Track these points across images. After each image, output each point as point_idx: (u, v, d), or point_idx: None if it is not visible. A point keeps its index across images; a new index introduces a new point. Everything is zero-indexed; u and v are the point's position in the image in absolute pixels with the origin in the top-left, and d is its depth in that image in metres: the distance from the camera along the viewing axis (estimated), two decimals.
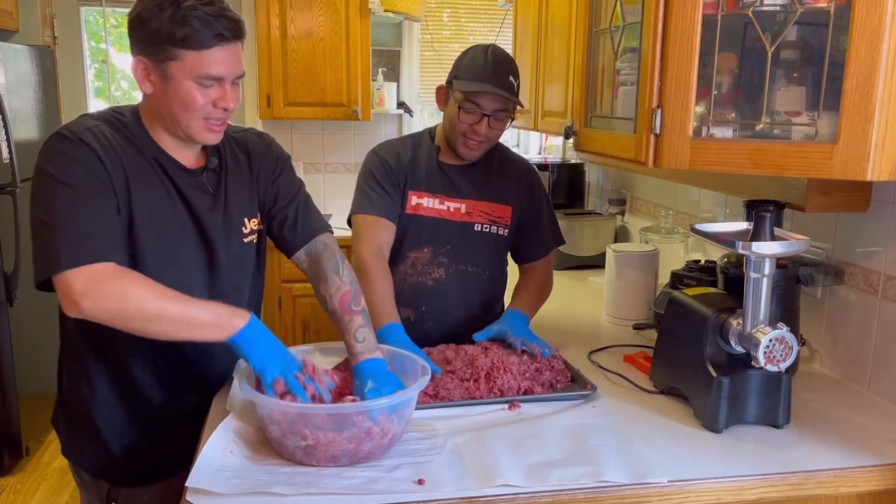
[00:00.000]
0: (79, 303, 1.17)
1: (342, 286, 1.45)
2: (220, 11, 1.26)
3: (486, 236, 1.86)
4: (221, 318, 1.25)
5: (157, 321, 1.21)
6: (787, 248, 1.33)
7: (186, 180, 1.38)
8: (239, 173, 1.47)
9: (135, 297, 1.19)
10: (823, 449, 1.33)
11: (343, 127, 4.09)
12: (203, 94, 1.28)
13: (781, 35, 1.29)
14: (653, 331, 1.99)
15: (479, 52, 1.74)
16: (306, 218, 1.53)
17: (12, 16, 3.46)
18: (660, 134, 1.37)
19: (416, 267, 1.84)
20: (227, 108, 1.32)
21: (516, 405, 1.49)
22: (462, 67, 1.74)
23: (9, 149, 2.95)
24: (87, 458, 1.48)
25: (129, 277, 1.22)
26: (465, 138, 1.76)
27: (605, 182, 3.17)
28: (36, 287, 1.23)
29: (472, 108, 1.71)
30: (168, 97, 1.28)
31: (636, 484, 1.19)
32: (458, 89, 1.72)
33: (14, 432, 3.08)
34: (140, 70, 1.29)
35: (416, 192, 1.82)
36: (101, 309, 1.18)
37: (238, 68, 1.31)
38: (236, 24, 1.28)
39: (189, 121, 1.30)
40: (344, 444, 1.20)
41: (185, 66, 1.25)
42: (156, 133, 1.35)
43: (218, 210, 1.42)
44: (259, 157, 1.51)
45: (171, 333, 1.23)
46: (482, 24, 4.18)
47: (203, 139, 1.34)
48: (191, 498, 1.11)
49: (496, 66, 1.71)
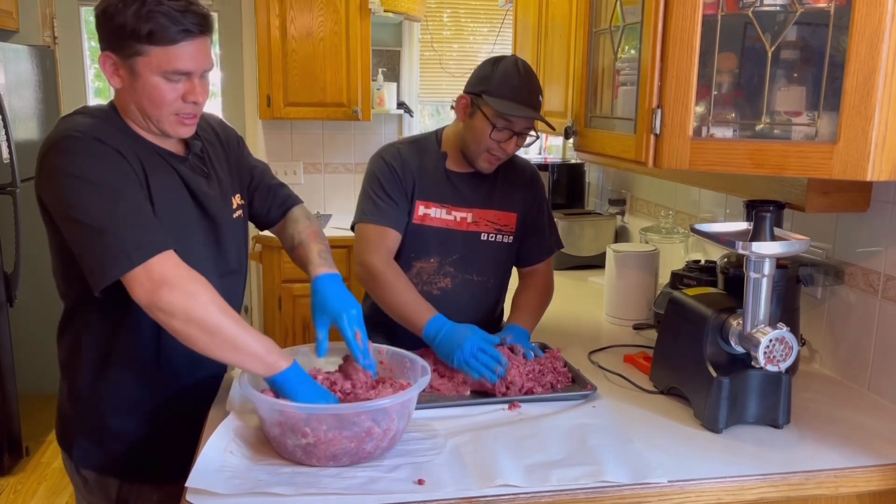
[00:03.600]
0: (158, 291, 1.18)
1: (311, 226, 1.58)
2: (185, 6, 1.25)
3: (492, 245, 1.83)
4: (270, 354, 1.26)
5: (213, 333, 1.21)
6: (787, 248, 1.33)
7: (182, 166, 1.39)
8: (217, 153, 1.50)
9: (202, 302, 1.21)
10: (823, 449, 1.33)
11: (343, 127, 4.08)
12: (171, 90, 1.28)
13: (781, 35, 1.29)
14: (653, 331, 1.99)
15: (511, 66, 1.68)
16: (283, 188, 1.65)
17: (12, 16, 3.47)
18: (660, 134, 1.37)
19: (421, 276, 1.81)
20: (197, 102, 1.32)
21: (516, 405, 1.49)
22: (493, 82, 1.67)
23: (9, 149, 2.95)
24: (95, 456, 1.46)
25: (201, 281, 1.23)
26: (489, 154, 1.72)
27: (605, 182, 3.17)
28: (99, 292, 1.22)
29: (505, 125, 1.67)
30: (137, 93, 1.29)
31: (636, 484, 1.19)
32: (492, 107, 1.65)
33: (14, 432, 3.08)
34: (108, 65, 1.28)
35: (423, 201, 1.78)
36: (173, 301, 1.19)
37: (206, 62, 1.31)
38: (203, 18, 1.27)
39: (160, 116, 1.31)
40: (345, 444, 1.20)
41: (152, 62, 1.25)
42: (133, 127, 1.35)
43: (214, 190, 1.45)
44: (225, 137, 1.55)
45: (216, 350, 1.23)
46: (482, 24, 4.18)
47: (176, 133, 1.35)
48: (191, 498, 1.11)
49: (529, 84, 1.68)
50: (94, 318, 1.40)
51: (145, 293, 1.19)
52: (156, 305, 1.20)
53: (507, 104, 1.65)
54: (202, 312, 1.20)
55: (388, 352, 1.49)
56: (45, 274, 1.23)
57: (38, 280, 3.15)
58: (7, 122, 2.94)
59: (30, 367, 3.15)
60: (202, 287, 1.23)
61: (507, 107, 1.65)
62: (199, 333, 1.21)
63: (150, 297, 1.19)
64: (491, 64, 1.71)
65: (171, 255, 1.23)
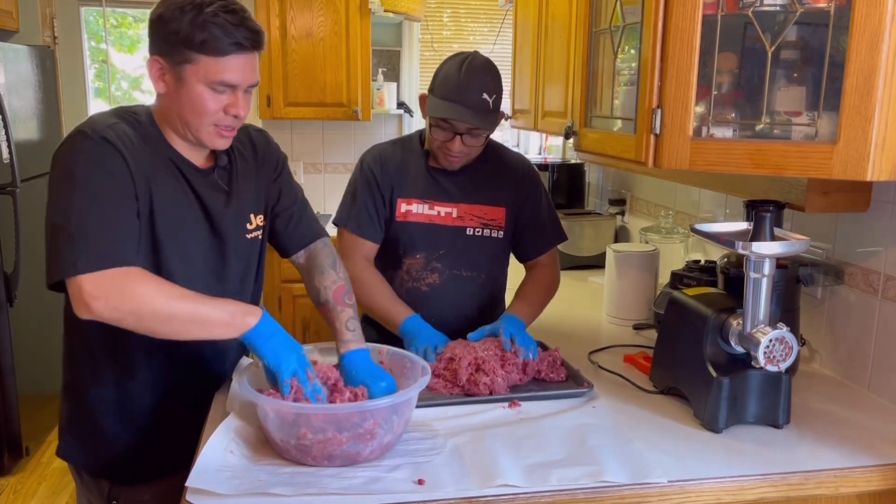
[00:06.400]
0: (90, 305, 1.17)
1: (338, 280, 1.51)
2: (241, 21, 1.27)
3: (479, 240, 1.84)
4: (235, 316, 1.26)
5: (170, 321, 1.21)
6: (787, 248, 1.33)
7: (200, 180, 1.39)
8: (246, 169, 1.48)
9: (146, 298, 1.19)
10: (823, 449, 1.33)
11: (343, 127, 4.09)
12: (215, 100, 1.29)
13: (781, 35, 1.29)
14: (653, 331, 1.99)
15: (454, 66, 1.69)
16: (310, 219, 1.59)
17: (12, 16, 3.46)
18: (660, 134, 1.37)
19: (410, 273, 1.84)
20: (238, 115, 1.32)
21: (516, 403, 1.49)
22: (436, 82, 1.71)
23: (9, 149, 2.95)
24: (87, 457, 1.47)
25: (140, 278, 1.22)
26: (441, 152, 1.76)
27: (605, 182, 3.16)
28: (48, 287, 1.23)
29: (445, 125, 1.69)
30: (180, 100, 1.29)
31: (636, 484, 1.19)
32: (429, 108, 1.70)
33: (14, 432, 3.08)
34: (155, 69, 1.29)
35: (404, 199, 1.82)
36: (112, 309, 1.18)
37: (252, 77, 1.32)
38: (256, 34, 1.29)
39: (199, 125, 1.31)
40: (344, 444, 1.20)
41: (200, 71, 1.26)
42: (168, 134, 1.35)
43: (231, 207, 1.43)
44: (262, 154, 1.52)
45: (184, 333, 1.24)
46: (482, 24, 4.18)
47: (212, 144, 1.35)
48: (191, 498, 1.11)
49: (468, 84, 1.66)
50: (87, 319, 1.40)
51: (81, 306, 1.18)
52: (97, 317, 1.18)
53: (440, 104, 1.68)
54: (149, 308, 1.19)
55: (388, 352, 1.49)
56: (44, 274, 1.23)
57: (38, 280, 3.10)
58: (7, 122, 2.94)
59: (30, 367, 3.15)
60: (141, 283, 1.20)
61: (440, 108, 1.67)
62: (157, 325, 1.21)
63: (86, 311, 1.17)
64: (443, 63, 1.74)
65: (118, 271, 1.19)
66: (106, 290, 1.18)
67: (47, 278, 1.22)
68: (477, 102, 1.67)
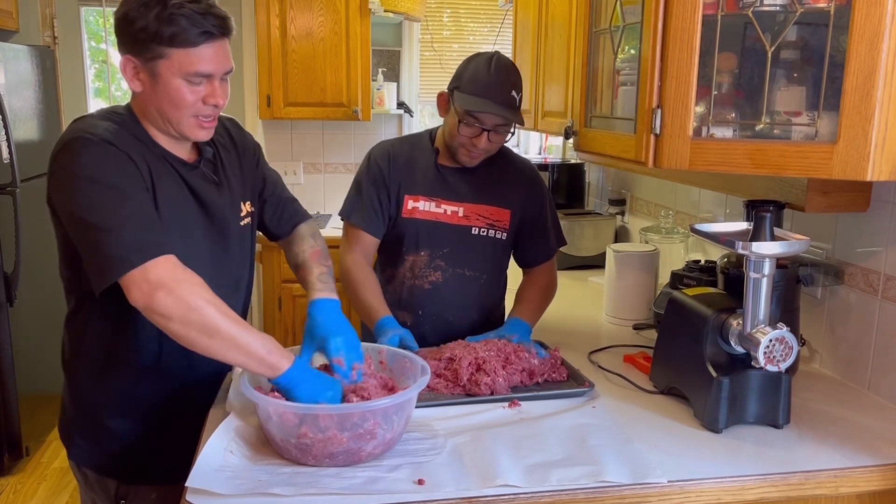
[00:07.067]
0: (154, 294, 1.17)
1: (315, 246, 1.57)
2: (206, 9, 1.26)
3: (484, 240, 1.85)
4: (272, 354, 1.25)
5: (212, 335, 1.21)
6: (787, 248, 1.33)
7: (191, 174, 1.40)
8: (230, 158, 1.50)
9: (201, 306, 1.20)
10: (823, 449, 1.33)
11: (343, 127, 4.08)
12: (192, 92, 1.29)
13: (781, 35, 1.29)
14: (653, 331, 1.99)
15: (483, 63, 1.70)
16: (293, 201, 1.65)
17: (12, 16, 3.46)
18: (660, 134, 1.37)
19: (413, 270, 1.84)
20: (217, 105, 1.33)
21: (516, 403, 1.49)
22: (464, 79, 1.71)
23: (9, 149, 2.95)
24: (93, 456, 1.47)
25: (198, 284, 1.22)
26: (464, 149, 1.76)
27: (605, 182, 3.16)
28: (99, 294, 1.22)
29: (472, 122, 1.70)
30: (157, 95, 1.29)
31: (636, 484, 1.19)
32: (458, 103, 1.70)
33: (14, 432, 3.08)
34: (129, 69, 1.29)
35: (411, 195, 1.82)
36: (169, 304, 1.18)
37: (227, 64, 1.32)
38: (223, 20, 1.29)
39: (180, 118, 1.31)
40: (345, 443, 1.20)
41: (174, 65, 1.26)
42: (150, 131, 1.36)
43: (224, 197, 1.45)
44: (240, 142, 1.55)
45: (217, 351, 1.23)
46: (482, 24, 4.18)
47: (195, 136, 1.35)
48: (191, 498, 1.11)
49: (499, 81, 1.69)
50: (95, 319, 1.40)
51: (142, 296, 1.19)
52: (152, 309, 1.19)
53: (472, 100, 1.68)
54: (200, 315, 1.19)
55: (387, 352, 1.49)
56: (45, 274, 1.23)
57: (38, 280, 3.15)
58: (7, 122, 2.94)
59: (30, 367, 3.15)
60: (199, 289, 1.22)
61: (472, 102, 1.68)
62: (197, 336, 1.21)
63: (146, 301, 1.19)
64: (467, 61, 1.75)
65: (170, 259, 1.22)
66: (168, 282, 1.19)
67: (102, 282, 1.21)
68: (507, 98, 1.69)
